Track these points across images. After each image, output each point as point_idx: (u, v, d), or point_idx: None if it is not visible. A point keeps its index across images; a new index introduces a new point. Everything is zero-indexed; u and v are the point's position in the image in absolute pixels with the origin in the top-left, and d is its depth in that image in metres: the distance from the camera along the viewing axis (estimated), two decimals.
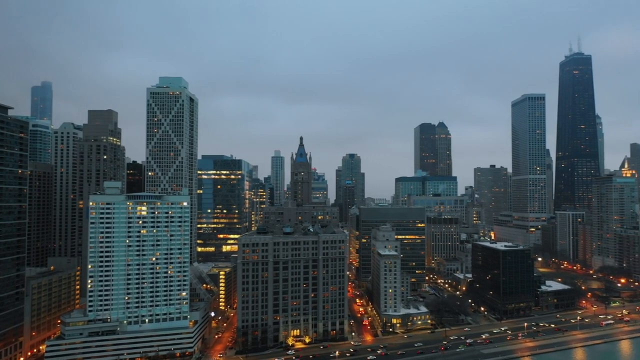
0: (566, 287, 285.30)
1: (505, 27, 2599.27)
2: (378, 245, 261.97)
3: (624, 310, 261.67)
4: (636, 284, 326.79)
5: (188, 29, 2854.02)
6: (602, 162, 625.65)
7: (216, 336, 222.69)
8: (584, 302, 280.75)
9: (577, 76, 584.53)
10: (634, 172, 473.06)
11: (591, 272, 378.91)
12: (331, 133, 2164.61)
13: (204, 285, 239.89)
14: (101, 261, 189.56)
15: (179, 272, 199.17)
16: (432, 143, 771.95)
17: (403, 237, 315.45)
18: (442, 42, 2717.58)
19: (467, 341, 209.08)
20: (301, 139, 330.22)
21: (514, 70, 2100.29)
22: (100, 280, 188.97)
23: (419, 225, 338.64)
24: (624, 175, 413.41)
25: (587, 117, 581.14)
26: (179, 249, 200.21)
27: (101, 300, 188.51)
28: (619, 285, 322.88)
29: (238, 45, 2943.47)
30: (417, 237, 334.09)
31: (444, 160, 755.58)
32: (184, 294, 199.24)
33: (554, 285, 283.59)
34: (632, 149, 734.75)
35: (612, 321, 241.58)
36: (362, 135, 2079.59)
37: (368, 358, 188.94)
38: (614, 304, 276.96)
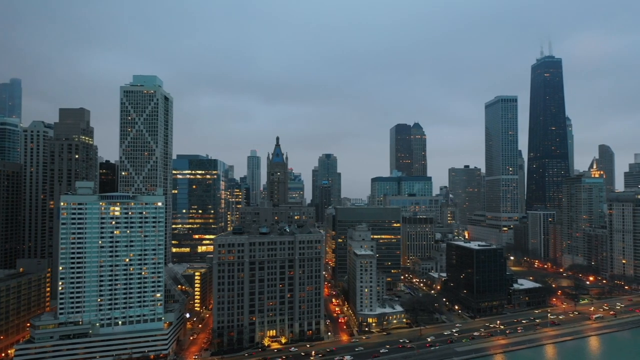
0: (537, 285, 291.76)
1: (482, 29, 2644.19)
2: (354, 245, 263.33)
3: (592, 308, 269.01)
4: (604, 281, 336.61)
5: (168, 27, 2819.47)
6: (572, 163, 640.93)
7: (191, 337, 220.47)
8: (554, 299, 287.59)
9: (548, 79, 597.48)
10: (602, 172, 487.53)
11: (561, 270, 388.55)
12: (309, 133, 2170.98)
13: (179, 286, 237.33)
14: (72, 263, 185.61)
15: (153, 273, 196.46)
16: (408, 143, 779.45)
17: (379, 236, 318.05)
18: (421, 44, 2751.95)
19: (472, 334, 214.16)
20: (277, 139, 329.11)
21: (489, 72, 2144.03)
22: (72, 282, 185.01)
23: (395, 225, 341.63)
24: (593, 175, 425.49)
25: (558, 119, 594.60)
26: (153, 249, 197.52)
27: (72, 303, 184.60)
28: (588, 283, 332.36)
29: (218, 44, 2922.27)
30: (392, 236, 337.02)
31: (419, 161, 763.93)
32: (158, 295, 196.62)
33: (526, 284, 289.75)
34: (600, 150, 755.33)
35: (602, 314, 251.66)
36: (339, 135, 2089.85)
37: (344, 357, 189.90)
38: (583, 302, 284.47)
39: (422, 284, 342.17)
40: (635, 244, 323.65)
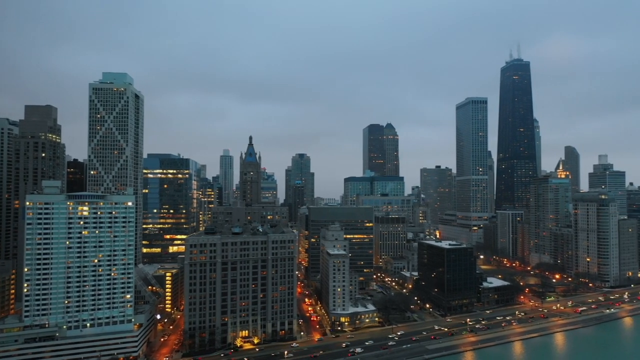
0: (506, 283, 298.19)
1: (458, 32, 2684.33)
2: (327, 245, 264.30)
3: (558, 305, 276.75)
4: (569, 279, 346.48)
5: (145, 25, 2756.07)
6: (539, 163, 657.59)
7: (162, 339, 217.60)
8: (522, 297, 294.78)
9: (516, 81, 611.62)
10: (567, 173, 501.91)
11: (529, 268, 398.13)
12: (284, 133, 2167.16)
13: (150, 287, 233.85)
14: (39, 264, 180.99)
15: (123, 274, 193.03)
16: (380, 144, 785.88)
17: (352, 236, 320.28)
18: (399, 45, 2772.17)
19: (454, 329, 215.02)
20: (250, 138, 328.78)
21: (463, 74, 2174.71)
22: (38, 284, 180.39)
23: (367, 224, 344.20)
24: (559, 176, 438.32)
25: (526, 121, 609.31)
26: (123, 250, 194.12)
27: (38, 305, 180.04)
28: (554, 280, 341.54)
29: (195, 42, 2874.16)
30: (365, 236, 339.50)
31: (392, 161, 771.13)
32: (128, 296, 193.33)
33: (495, 282, 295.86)
34: (566, 151, 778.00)
35: (585, 307, 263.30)
36: (315, 135, 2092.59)
37: (316, 355, 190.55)
38: (549, 299, 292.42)
39: (394, 283, 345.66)
40: (599, 242, 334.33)
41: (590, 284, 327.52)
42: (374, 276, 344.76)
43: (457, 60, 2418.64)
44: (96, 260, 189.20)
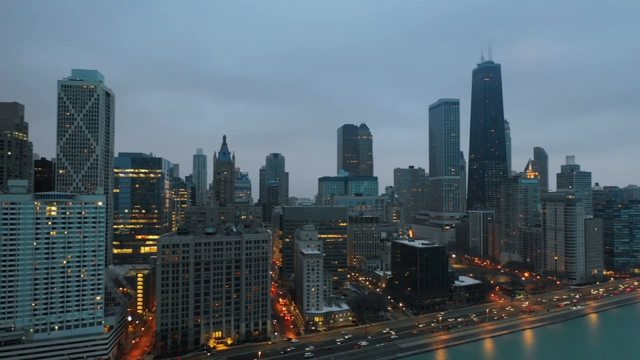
0: (477, 281, 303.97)
1: (434, 33, 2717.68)
2: (301, 245, 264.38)
3: (527, 302, 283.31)
4: (538, 277, 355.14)
5: (122, 22, 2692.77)
6: (510, 164, 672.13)
7: (133, 341, 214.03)
8: (492, 295, 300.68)
9: (487, 83, 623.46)
10: (536, 173, 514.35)
11: (499, 267, 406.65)
12: (260, 132, 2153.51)
13: (121, 288, 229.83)
14: (4, 265, 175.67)
15: (92, 275, 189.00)
16: (355, 144, 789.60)
17: (326, 236, 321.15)
18: (378, 44, 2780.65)
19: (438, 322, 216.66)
20: (224, 137, 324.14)
21: (438, 75, 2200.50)
22: (3, 286, 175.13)
23: (341, 224, 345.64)
24: (528, 176, 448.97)
25: (497, 122, 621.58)
26: (93, 251, 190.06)
27: (4, 308, 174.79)
28: (523, 279, 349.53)
29: (174, 41, 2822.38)
30: (339, 236, 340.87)
31: (366, 161, 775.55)
32: (98, 298, 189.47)
33: (466, 280, 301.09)
34: (535, 152, 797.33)
35: (569, 301, 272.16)
36: (290, 134, 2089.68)
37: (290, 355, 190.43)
38: (518, 297, 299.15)
39: (368, 282, 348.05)
40: (567, 241, 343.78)
41: (558, 282, 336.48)
42: (348, 276, 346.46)
43: (432, 61, 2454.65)
44: (65, 262, 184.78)
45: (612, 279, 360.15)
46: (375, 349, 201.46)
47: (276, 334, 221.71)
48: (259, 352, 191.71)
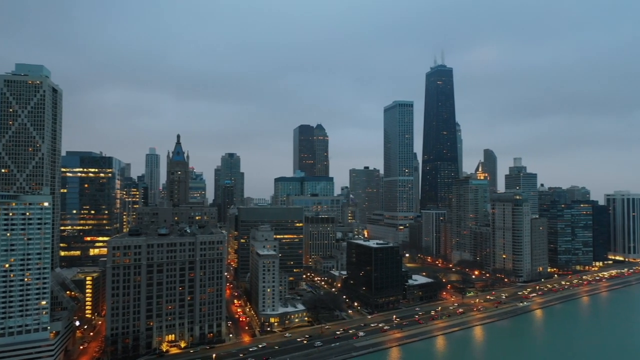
0: (430, 280, 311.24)
1: (390, 37, 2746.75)
2: (257, 245, 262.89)
3: (477, 299, 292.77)
4: (487, 275, 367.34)
5: (74, 15, 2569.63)
6: (461, 165, 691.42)
7: (81, 347, 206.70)
8: (444, 293, 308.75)
9: (440, 86, 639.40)
10: (486, 175, 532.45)
11: (451, 265, 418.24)
12: (216, 131, 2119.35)
13: (68, 292, 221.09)
14: None
15: (37, 279, 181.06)
16: (311, 144, 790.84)
17: (282, 236, 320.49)
18: (340, 44, 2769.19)
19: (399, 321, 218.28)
20: (178, 136, 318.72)
21: (395, 77, 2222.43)
22: None
23: (297, 224, 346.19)
24: (479, 177, 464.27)
25: (449, 124, 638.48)
26: (38, 253, 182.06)
27: None
28: (474, 277, 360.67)
29: (134, 37, 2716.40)
30: (295, 236, 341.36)
31: (322, 161, 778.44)
32: (43, 303, 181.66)
33: (420, 279, 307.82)
34: (485, 154, 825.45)
35: (500, 301, 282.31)
36: (246, 134, 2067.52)
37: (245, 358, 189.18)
38: (469, 294, 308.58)
39: (323, 282, 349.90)
40: (514, 240, 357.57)
41: (506, 279, 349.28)
42: (304, 276, 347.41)
43: (391, 63, 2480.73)
44: (7, 265, 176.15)
45: (556, 275, 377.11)
46: (331, 348, 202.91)
47: (231, 335, 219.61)
48: (214, 355, 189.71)
